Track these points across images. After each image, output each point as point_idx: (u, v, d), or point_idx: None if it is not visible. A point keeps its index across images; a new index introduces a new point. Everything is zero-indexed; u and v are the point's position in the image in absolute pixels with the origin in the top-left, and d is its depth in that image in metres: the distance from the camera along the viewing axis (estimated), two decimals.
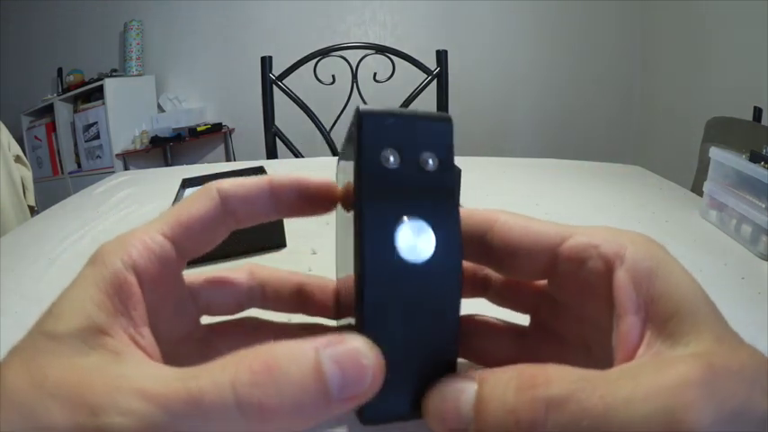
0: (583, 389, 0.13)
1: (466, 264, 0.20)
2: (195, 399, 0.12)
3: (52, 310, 0.14)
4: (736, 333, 0.15)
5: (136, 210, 0.64)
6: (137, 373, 0.13)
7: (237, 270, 0.21)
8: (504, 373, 0.14)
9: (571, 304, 0.18)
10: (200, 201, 0.17)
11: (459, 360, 0.17)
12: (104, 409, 0.12)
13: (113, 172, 1.38)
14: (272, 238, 0.48)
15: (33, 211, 1.41)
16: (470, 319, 0.21)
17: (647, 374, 0.13)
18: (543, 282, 0.19)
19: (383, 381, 0.14)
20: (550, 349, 0.19)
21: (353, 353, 0.14)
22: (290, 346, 0.13)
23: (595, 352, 0.18)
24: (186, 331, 0.19)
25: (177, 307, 0.19)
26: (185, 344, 0.19)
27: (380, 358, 0.14)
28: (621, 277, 0.15)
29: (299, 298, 0.21)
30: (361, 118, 0.15)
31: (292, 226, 0.49)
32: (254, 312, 0.21)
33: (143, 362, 0.14)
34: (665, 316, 0.14)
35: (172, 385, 0.13)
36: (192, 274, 0.20)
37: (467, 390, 0.15)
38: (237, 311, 0.21)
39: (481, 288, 0.21)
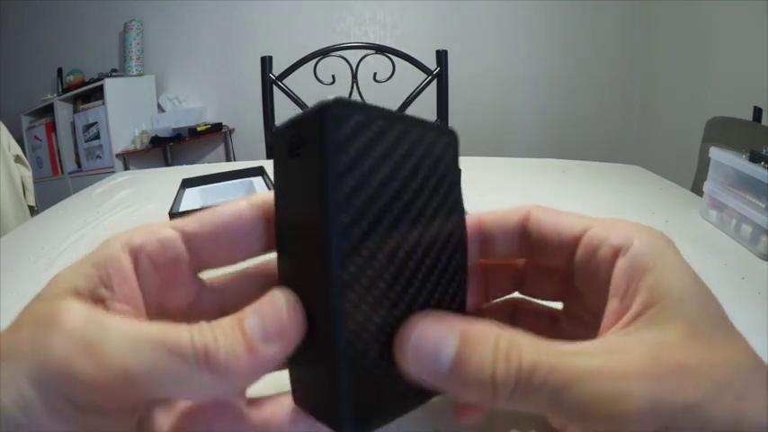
0: (550, 359, 0.14)
1: (500, 261, 0.22)
2: (164, 335, 0.14)
3: (56, 276, 0.16)
4: (738, 335, 0.15)
5: (136, 210, 0.64)
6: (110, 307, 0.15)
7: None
8: (483, 331, 0.15)
9: (588, 289, 0.19)
10: (228, 206, 0.18)
11: None
12: (43, 325, 0.14)
13: (113, 172, 1.38)
14: None
15: (33, 211, 1.41)
16: (514, 301, 0.23)
17: (599, 355, 0.14)
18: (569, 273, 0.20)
19: (299, 321, 0.15)
20: (576, 332, 0.20)
21: (268, 299, 0.16)
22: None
23: None
24: (198, 312, 0.19)
25: (186, 293, 0.18)
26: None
27: (294, 300, 0.16)
28: (620, 266, 0.16)
29: None
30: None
31: None
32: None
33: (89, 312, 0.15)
34: (647, 305, 0.15)
35: (150, 325, 0.15)
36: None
37: (448, 341, 0.15)
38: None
39: (517, 283, 0.23)
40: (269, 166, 0.66)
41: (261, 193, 0.18)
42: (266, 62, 1.11)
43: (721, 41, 1.78)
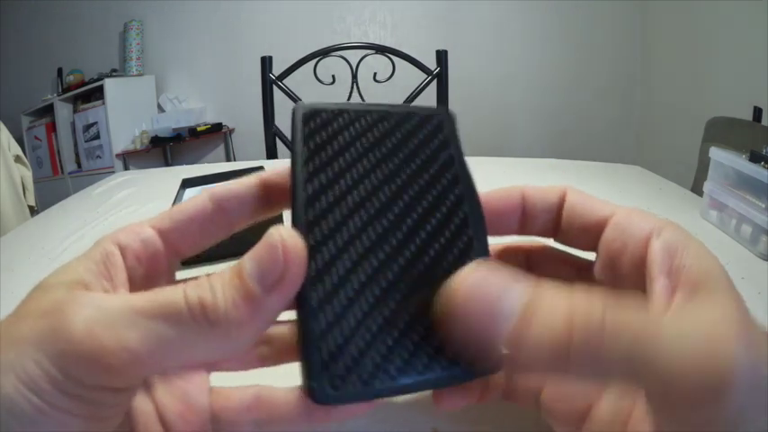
0: (635, 320, 0.13)
1: (541, 206, 0.22)
2: (154, 300, 0.14)
3: (55, 271, 0.17)
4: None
5: (136, 210, 0.64)
6: (100, 289, 0.16)
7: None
8: (552, 284, 0.14)
9: (608, 276, 0.19)
10: (192, 201, 0.19)
11: None
12: (68, 305, 0.14)
13: (113, 172, 1.38)
14: None
15: (33, 211, 1.40)
16: (544, 247, 0.23)
17: (687, 318, 0.14)
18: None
19: (303, 260, 0.15)
20: (606, 278, 0.20)
21: (265, 241, 0.15)
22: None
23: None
24: None
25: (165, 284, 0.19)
26: None
27: (295, 236, 0.15)
28: (657, 245, 0.17)
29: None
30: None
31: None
32: None
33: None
34: (694, 282, 0.15)
35: (139, 295, 0.15)
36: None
37: (514, 292, 0.14)
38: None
39: (552, 230, 0.22)
40: (269, 166, 0.66)
41: (220, 184, 0.19)
42: (266, 62, 1.11)
43: (721, 41, 1.78)
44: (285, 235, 0.15)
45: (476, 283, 0.14)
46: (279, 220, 0.21)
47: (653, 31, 2.29)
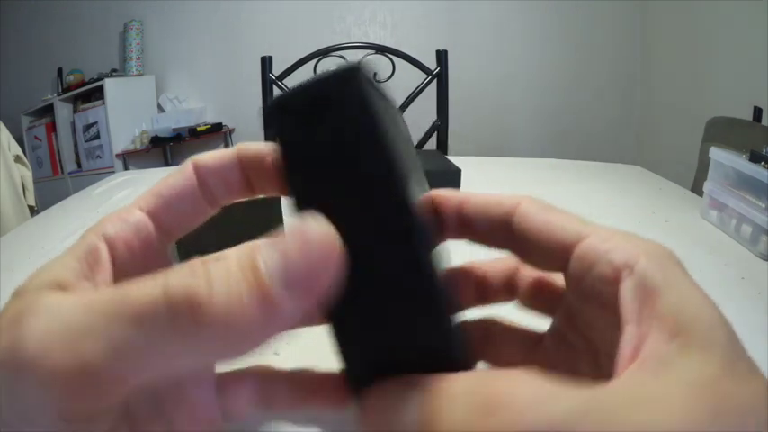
0: (554, 421, 0.10)
1: (498, 267, 0.19)
2: (121, 295, 0.11)
3: (34, 272, 0.14)
4: (751, 360, 0.13)
5: None
6: (71, 290, 0.13)
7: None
8: (459, 382, 0.12)
9: (579, 307, 0.17)
10: (176, 175, 0.17)
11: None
12: (23, 315, 0.12)
13: (113, 172, 1.38)
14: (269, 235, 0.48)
15: (33, 211, 1.41)
16: (487, 321, 0.20)
17: (642, 405, 0.11)
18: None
19: (339, 265, 0.12)
20: (561, 355, 0.18)
21: (298, 232, 0.11)
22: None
23: (600, 360, 0.17)
24: None
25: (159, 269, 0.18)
26: None
27: (333, 234, 0.12)
28: (628, 287, 0.14)
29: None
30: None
31: None
32: None
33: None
34: (672, 333, 0.12)
35: (103, 293, 0.12)
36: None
37: (410, 398, 0.12)
38: None
39: (511, 292, 0.20)
40: None
41: (201, 154, 0.18)
42: (266, 62, 1.11)
43: (721, 41, 1.78)
44: (322, 230, 0.12)
45: (377, 398, 0.13)
46: (277, 205, 0.20)
47: (653, 31, 2.29)
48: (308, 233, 0.12)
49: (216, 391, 0.16)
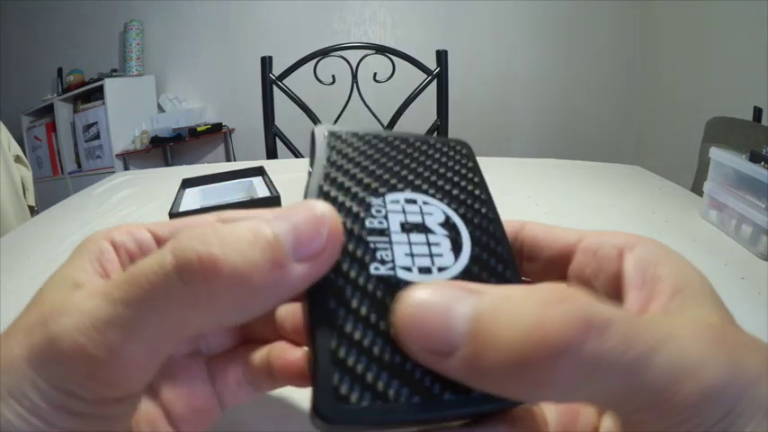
0: (625, 317, 0.11)
1: None
2: (134, 275, 0.12)
3: (48, 279, 0.16)
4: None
5: (136, 210, 0.64)
6: (89, 287, 0.14)
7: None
8: (513, 289, 0.12)
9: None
10: (199, 218, 0.18)
11: None
12: (52, 316, 0.13)
13: (113, 172, 1.38)
14: None
15: (33, 211, 1.41)
16: None
17: (669, 320, 0.13)
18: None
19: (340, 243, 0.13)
20: None
21: (306, 210, 0.13)
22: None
23: None
24: None
25: None
26: None
27: (336, 214, 0.13)
28: (630, 259, 0.16)
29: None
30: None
31: None
32: None
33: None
34: (672, 291, 0.14)
35: (116, 278, 0.13)
36: None
37: (461, 299, 0.12)
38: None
39: None
40: (269, 166, 0.66)
41: (231, 212, 0.18)
42: (266, 62, 1.11)
43: (721, 41, 1.78)
44: (328, 210, 0.13)
45: (419, 304, 0.12)
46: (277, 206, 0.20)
47: (653, 31, 2.29)
48: (314, 207, 0.13)
49: (208, 376, 0.19)
